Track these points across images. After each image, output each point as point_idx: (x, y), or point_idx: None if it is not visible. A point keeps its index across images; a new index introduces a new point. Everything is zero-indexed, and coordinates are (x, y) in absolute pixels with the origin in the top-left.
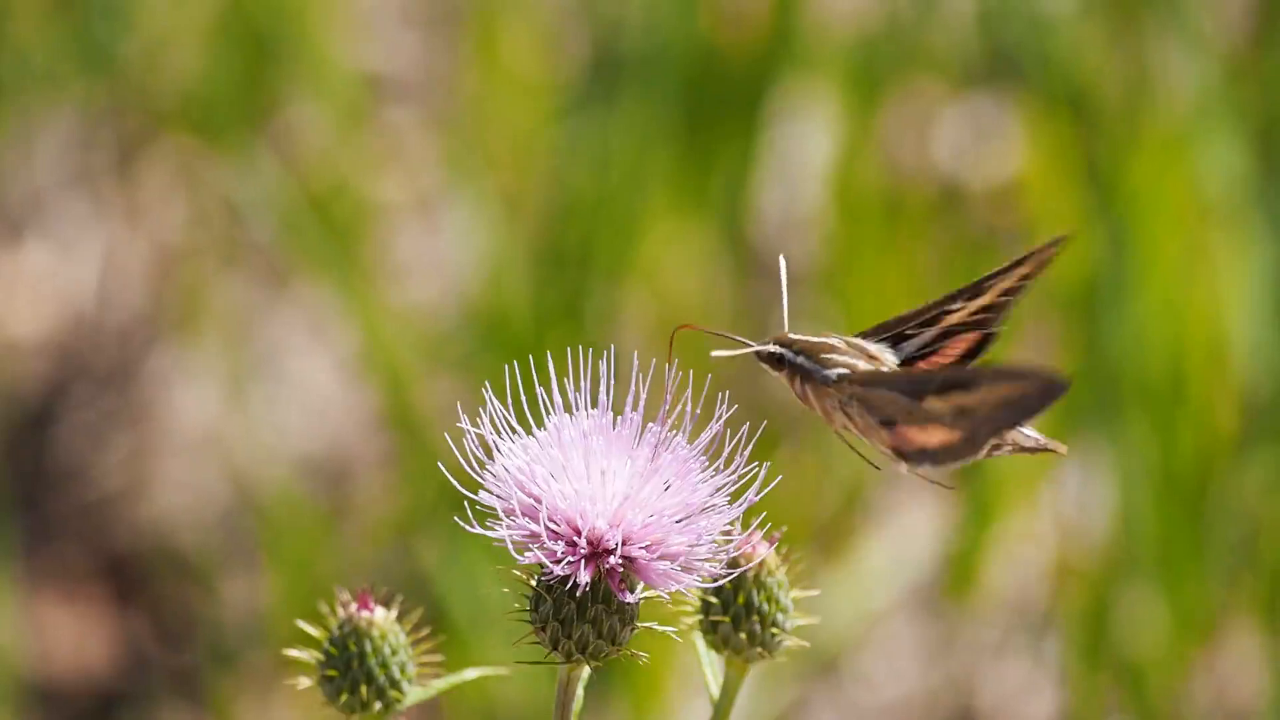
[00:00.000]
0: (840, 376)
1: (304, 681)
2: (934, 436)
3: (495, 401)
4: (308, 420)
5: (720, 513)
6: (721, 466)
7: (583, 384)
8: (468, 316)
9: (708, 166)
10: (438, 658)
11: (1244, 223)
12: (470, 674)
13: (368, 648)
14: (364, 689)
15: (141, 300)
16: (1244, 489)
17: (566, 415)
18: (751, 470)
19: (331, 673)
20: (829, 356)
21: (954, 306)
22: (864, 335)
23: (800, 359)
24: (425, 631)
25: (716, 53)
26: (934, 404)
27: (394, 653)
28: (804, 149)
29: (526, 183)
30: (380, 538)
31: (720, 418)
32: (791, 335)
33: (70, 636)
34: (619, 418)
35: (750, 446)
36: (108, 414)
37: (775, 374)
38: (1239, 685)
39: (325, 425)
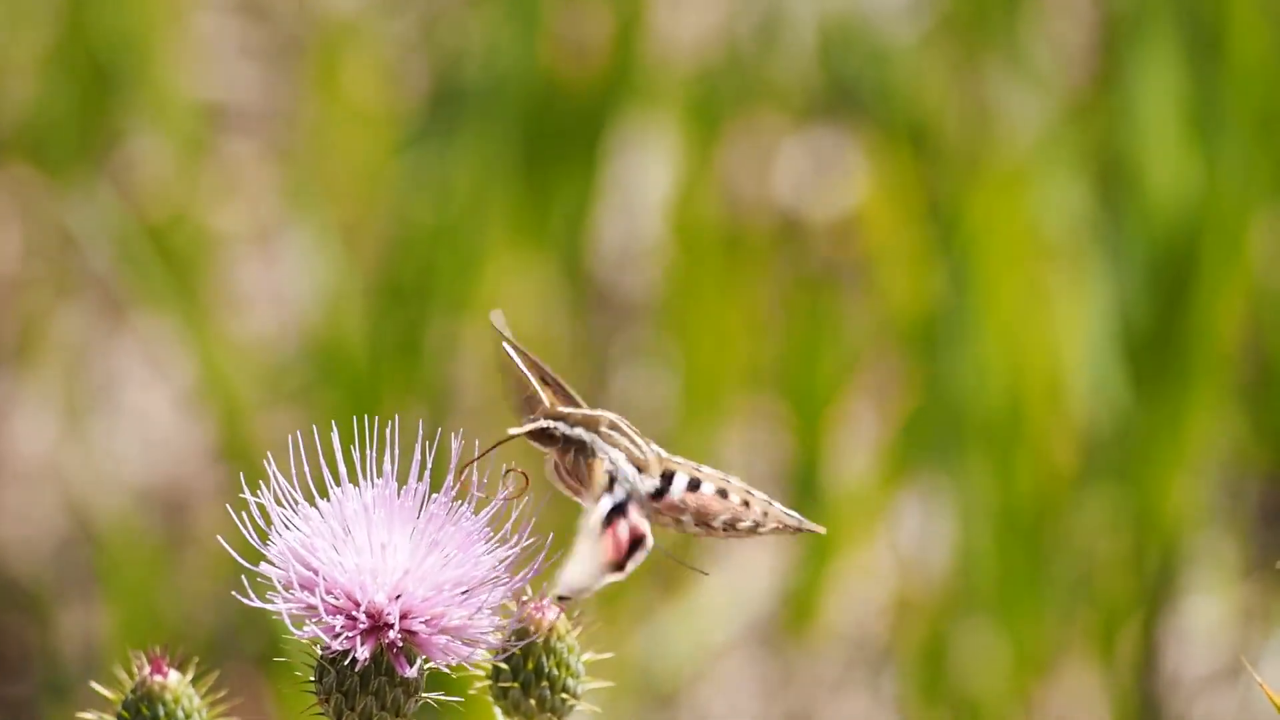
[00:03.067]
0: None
1: None
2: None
3: (278, 475)
4: (145, 451)
5: (502, 585)
6: (507, 537)
7: (368, 453)
8: (306, 348)
9: (548, 199)
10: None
11: (1083, 261)
12: None
13: (160, 712)
14: None
15: None
16: (1082, 526)
17: (351, 486)
18: (536, 541)
19: None
20: (604, 430)
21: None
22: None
23: (577, 430)
24: (224, 691)
25: (557, 85)
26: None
27: (187, 716)
28: (644, 182)
29: (366, 215)
30: (218, 570)
31: (506, 489)
32: (560, 408)
33: None
34: (405, 488)
35: (533, 519)
36: None
37: (543, 449)
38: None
39: (163, 456)
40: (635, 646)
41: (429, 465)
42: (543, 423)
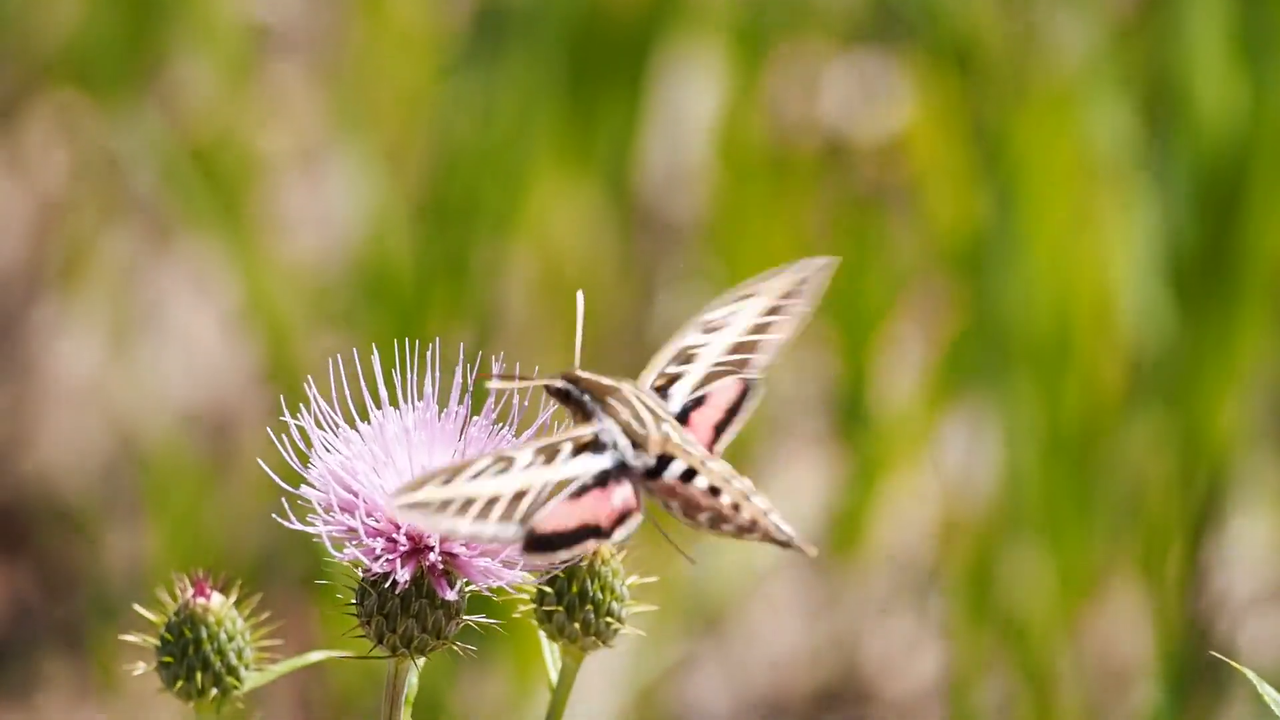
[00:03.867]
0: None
1: (141, 666)
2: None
3: (319, 398)
4: (191, 373)
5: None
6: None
7: (409, 376)
8: (351, 271)
9: (593, 122)
10: (279, 641)
11: (1130, 182)
12: (313, 657)
13: (203, 634)
14: (199, 676)
15: (24, 252)
16: (1129, 447)
17: (392, 409)
18: None
19: (167, 659)
20: (611, 401)
21: (693, 342)
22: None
23: (584, 396)
24: (266, 615)
25: (603, 6)
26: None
27: (230, 639)
28: (690, 105)
29: (411, 137)
30: (262, 492)
31: (548, 410)
32: (579, 372)
33: None
34: (445, 411)
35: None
36: None
37: (563, 407)
38: (1123, 643)
39: (208, 379)
40: (682, 570)
41: (470, 388)
42: (557, 382)
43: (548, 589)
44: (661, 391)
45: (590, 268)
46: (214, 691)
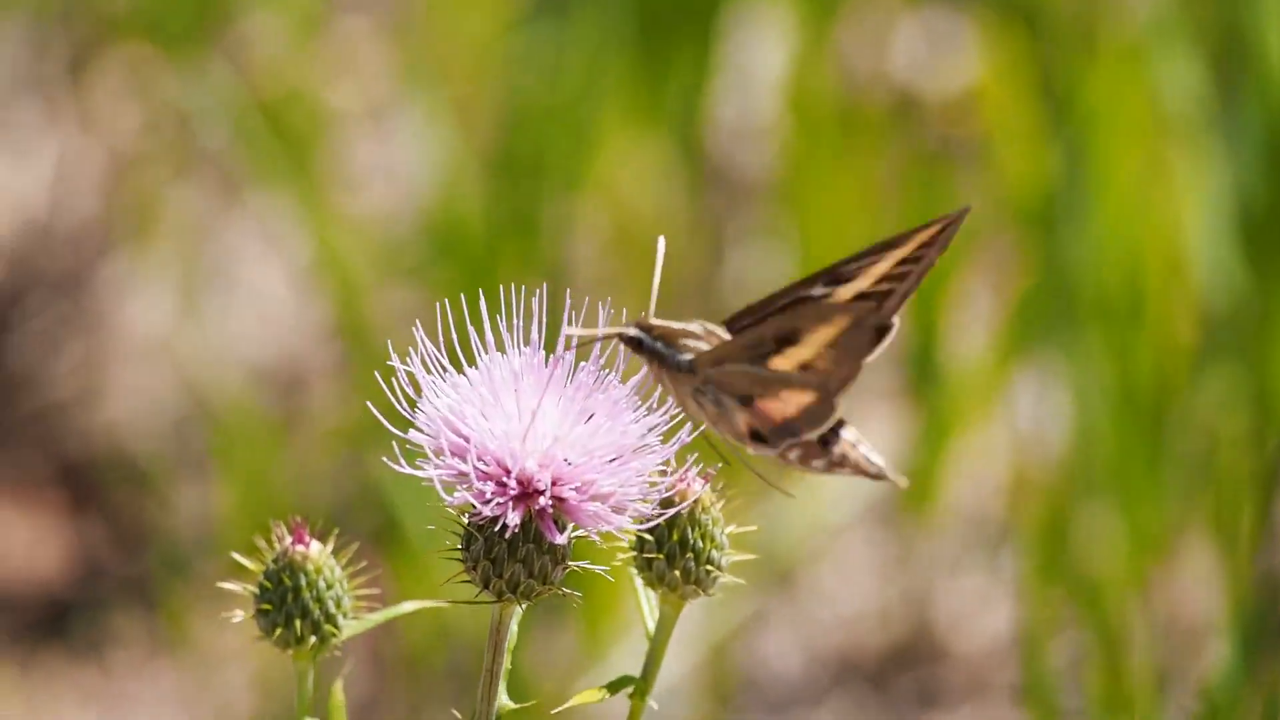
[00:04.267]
0: (691, 361)
1: (239, 615)
2: (791, 404)
3: (426, 340)
4: (260, 329)
5: (653, 453)
6: (655, 406)
7: (515, 321)
8: (421, 226)
9: (663, 77)
10: (375, 590)
11: (1201, 137)
12: (407, 607)
13: (302, 582)
14: (298, 624)
15: (94, 207)
16: (1201, 404)
17: (498, 354)
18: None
19: (266, 607)
20: (687, 343)
21: (814, 291)
22: (728, 324)
23: (657, 344)
24: (363, 563)
25: None
26: (779, 364)
27: (329, 587)
28: (760, 59)
29: (481, 92)
30: (333, 448)
31: None
32: (651, 320)
33: (22, 544)
34: (552, 355)
35: None
36: (60, 321)
37: (638, 356)
38: (1195, 601)
39: (278, 334)
40: (756, 526)
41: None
42: (629, 330)
43: (648, 536)
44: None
45: (660, 223)
46: (312, 639)
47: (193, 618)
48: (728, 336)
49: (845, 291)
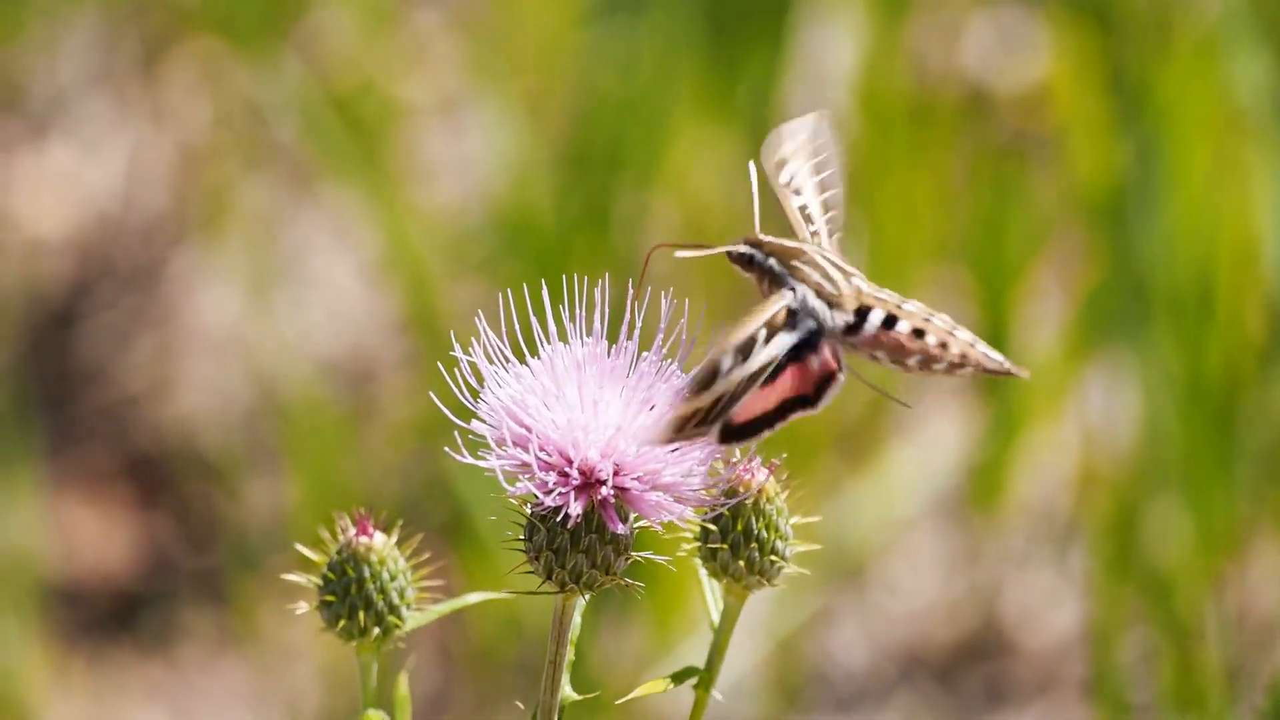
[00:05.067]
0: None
1: (303, 606)
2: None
3: (489, 331)
4: (331, 322)
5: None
6: None
7: (579, 311)
8: (492, 220)
9: (734, 72)
10: (440, 581)
11: (1273, 132)
12: (472, 598)
13: (365, 573)
14: (362, 615)
15: (165, 201)
16: (1272, 400)
17: (560, 344)
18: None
19: (330, 598)
20: (797, 264)
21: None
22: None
23: (770, 261)
24: (427, 554)
25: None
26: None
27: (392, 578)
28: (831, 55)
29: (552, 86)
30: (402, 441)
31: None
32: (762, 236)
33: (93, 537)
34: (614, 346)
35: None
36: (131, 314)
37: (745, 274)
38: (1265, 597)
39: (348, 327)
40: (823, 519)
41: (638, 325)
42: (740, 247)
43: (712, 527)
44: None
45: (731, 217)
46: (376, 631)
47: (261, 612)
48: (835, 255)
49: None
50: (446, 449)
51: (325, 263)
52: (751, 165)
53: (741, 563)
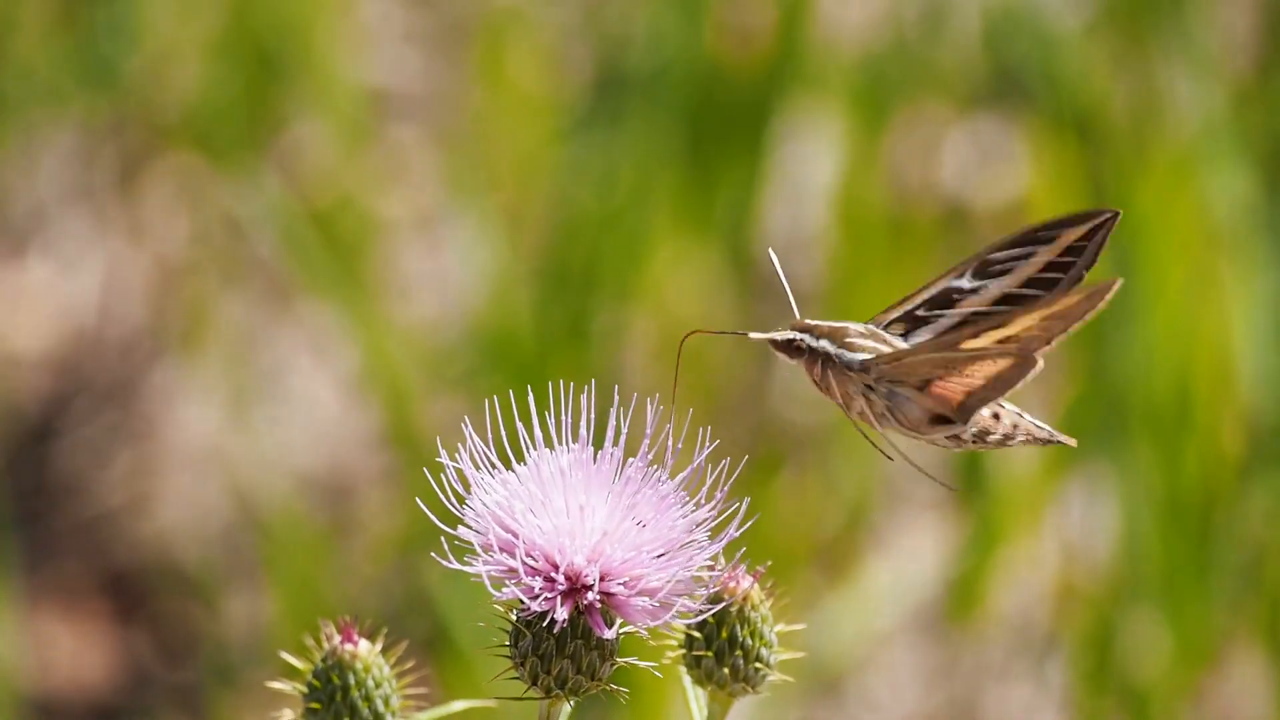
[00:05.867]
0: (864, 362)
1: (288, 715)
2: (978, 375)
3: (475, 436)
4: (310, 437)
5: (700, 548)
6: (703, 501)
7: (563, 418)
8: (471, 334)
9: (713, 186)
10: (423, 690)
11: (1250, 248)
12: (456, 706)
13: (351, 681)
14: None
15: (143, 315)
16: (1249, 514)
17: (546, 450)
18: (733, 506)
19: (315, 705)
20: (850, 341)
21: (962, 284)
22: (873, 321)
23: (823, 343)
24: (411, 663)
25: (722, 71)
26: (973, 344)
27: (377, 685)
28: (809, 169)
29: (530, 201)
30: (382, 555)
31: (703, 452)
32: (809, 321)
33: (70, 652)
34: (600, 452)
35: (730, 482)
36: (109, 429)
37: (791, 361)
38: (1243, 710)
39: (327, 442)
40: (800, 631)
41: (624, 431)
42: (789, 334)
43: (696, 634)
44: (907, 335)
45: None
46: None
47: None
48: (880, 332)
49: (994, 288)
50: (433, 554)
51: (304, 378)
52: (772, 252)
53: (726, 670)
